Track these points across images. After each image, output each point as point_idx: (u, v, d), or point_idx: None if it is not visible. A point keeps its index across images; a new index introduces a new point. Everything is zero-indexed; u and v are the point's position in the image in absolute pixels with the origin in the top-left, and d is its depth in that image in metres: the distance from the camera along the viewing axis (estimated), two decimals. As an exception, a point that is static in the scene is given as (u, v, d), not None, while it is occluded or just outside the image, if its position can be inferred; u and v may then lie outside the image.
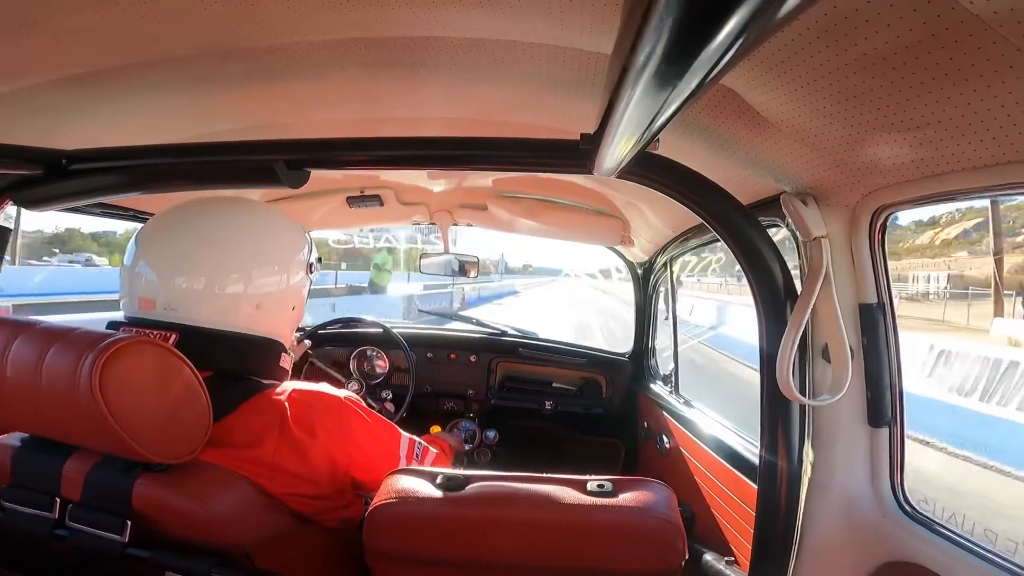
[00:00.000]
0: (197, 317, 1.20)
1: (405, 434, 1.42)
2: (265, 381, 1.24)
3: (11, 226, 1.48)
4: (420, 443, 1.46)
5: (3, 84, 1.14)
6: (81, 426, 0.99)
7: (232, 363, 1.22)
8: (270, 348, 1.31)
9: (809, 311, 1.15)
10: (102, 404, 0.91)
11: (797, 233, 1.23)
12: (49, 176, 1.26)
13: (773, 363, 1.16)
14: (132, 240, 1.28)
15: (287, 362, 1.36)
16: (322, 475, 1.19)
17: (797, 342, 1.14)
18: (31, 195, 1.32)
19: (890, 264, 1.18)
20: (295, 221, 1.42)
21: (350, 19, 1.04)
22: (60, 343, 0.97)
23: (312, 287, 1.48)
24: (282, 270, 1.33)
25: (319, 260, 1.47)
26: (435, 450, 1.52)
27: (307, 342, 2.40)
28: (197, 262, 1.22)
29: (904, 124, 0.87)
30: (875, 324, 1.16)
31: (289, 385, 1.24)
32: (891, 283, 1.17)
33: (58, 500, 1.07)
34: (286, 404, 1.18)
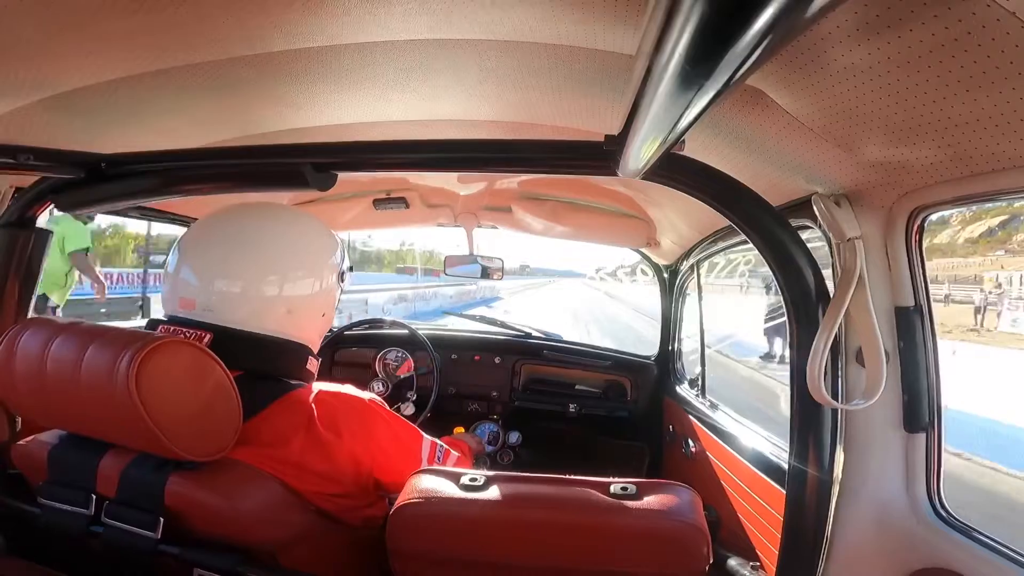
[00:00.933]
0: (231, 319, 1.22)
1: (427, 437, 1.43)
2: (293, 382, 1.25)
3: (52, 229, 1.51)
4: (441, 446, 1.47)
5: (45, 89, 1.17)
6: (117, 423, 1.01)
7: (262, 364, 1.23)
8: (298, 352, 1.31)
9: (842, 314, 1.13)
10: (138, 401, 0.93)
11: (830, 235, 1.20)
12: (88, 179, 1.29)
13: (804, 367, 1.14)
14: (175, 244, 1.31)
15: (314, 366, 1.36)
16: (346, 475, 1.20)
17: (829, 346, 1.12)
18: (71, 198, 1.36)
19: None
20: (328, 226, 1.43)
21: (377, 23, 1.04)
22: (99, 341, 0.99)
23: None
24: (315, 276, 1.34)
25: (351, 268, 1.48)
26: (456, 453, 1.53)
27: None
28: (235, 266, 1.24)
29: (941, 123, 0.85)
30: (912, 328, 1.14)
31: (316, 386, 1.26)
32: (929, 285, 1.14)
33: (94, 497, 1.09)
34: (313, 405, 1.20)
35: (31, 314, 1.49)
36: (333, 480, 1.19)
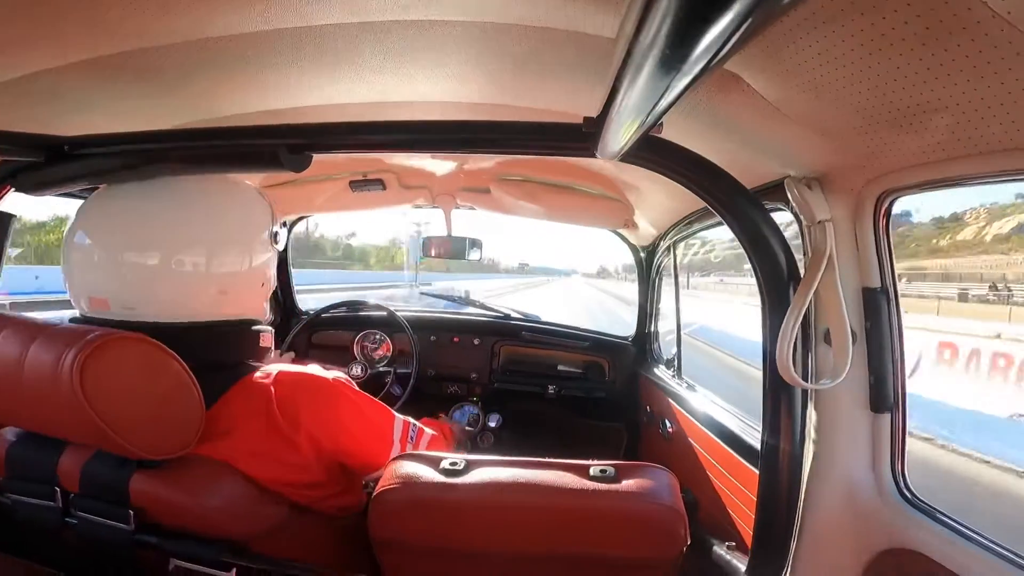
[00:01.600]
0: (158, 312, 1.15)
1: (399, 416, 1.39)
2: (248, 364, 1.22)
3: (14, 213, 1.47)
4: (415, 425, 1.44)
5: (5, 73, 1.14)
6: (65, 422, 0.98)
7: (206, 353, 1.15)
8: (244, 330, 1.27)
9: (811, 295, 1.15)
10: (83, 400, 0.91)
11: (801, 217, 1.22)
12: (49, 161, 1.25)
13: (775, 347, 1.16)
14: (73, 218, 1.22)
15: (267, 340, 1.31)
16: (310, 461, 1.17)
17: (798, 326, 1.14)
18: (32, 179, 1.30)
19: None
20: (252, 184, 1.38)
21: (353, 3, 1.03)
22: (42, 338, 0.96)
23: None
24: (243, 245, 1.27)
25: (283, 224, 1.40)
26: (431, 431, 1.49)
27: (291, 353, 2.34)
28: (148, 248, 1.15)
29: (911, 110, 0.87)
30: (878, 308, 1.16)
31: (275, 367, 1.22)
32: (895, 267, 1.17)
33: (59, 491, 1.08)
34: (271, 388, 1.15)
35: None
36: (299, 467, 1.16)
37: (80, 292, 1.17)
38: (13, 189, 1.36)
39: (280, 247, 1.37)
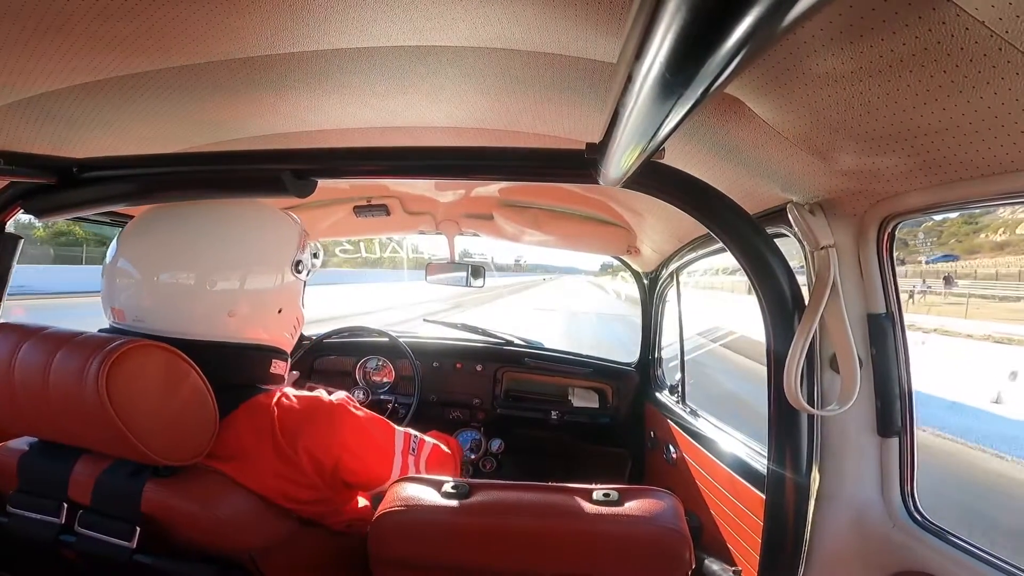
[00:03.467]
0: (163, 326, 1.19)
1: (399, 428, 1.40)
2: (256, 387, 1.23)
3: (21, 234, 1.48)
4: (416, 436, 1.44)
5: (15, 93, 1.15)
6: (88, 428, 1.00)
7: (213, 371, 1.14)
8: (256, 356, 1.28)
9: (817, 321, 1.14)
10: (108, 405, 0.93)
11: (804, 243, 1.22)
12: (60, 185, 1.27)
13: (780, 373, 1.15)
14: (113, 242, 1.28)
15: (281, 367, 1.32)
16: (313, 479, 1.19)
17: (805, 352, 1.13)
18: (42, 203, 1.33)
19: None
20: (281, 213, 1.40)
21: (359, 29, 1.04)
22: (67, 347, 0.98)
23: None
24: (273, 272, 1.29)
25: (315, 255, 1.41)
26: (432, 440, 1.50)
27: (295, 373, 2.34)
28: (176, 261, 1.21)
29: (911, 132, 0.87)
30: (884, 334, 1.16)
31: (280, 391, 1.24)
32: (900, 292, 1.16)
33: (66, 505, 1.08)
34: (275, 410, 1.18)
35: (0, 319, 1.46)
36: (303, 485, 1.18)
37: (107, 302, 1.24)
38: (23, 211, 1.38)
39: (303, 276, 1.38)
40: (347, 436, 1.25)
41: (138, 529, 1.03)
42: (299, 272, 1.36)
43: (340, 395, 1.31)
